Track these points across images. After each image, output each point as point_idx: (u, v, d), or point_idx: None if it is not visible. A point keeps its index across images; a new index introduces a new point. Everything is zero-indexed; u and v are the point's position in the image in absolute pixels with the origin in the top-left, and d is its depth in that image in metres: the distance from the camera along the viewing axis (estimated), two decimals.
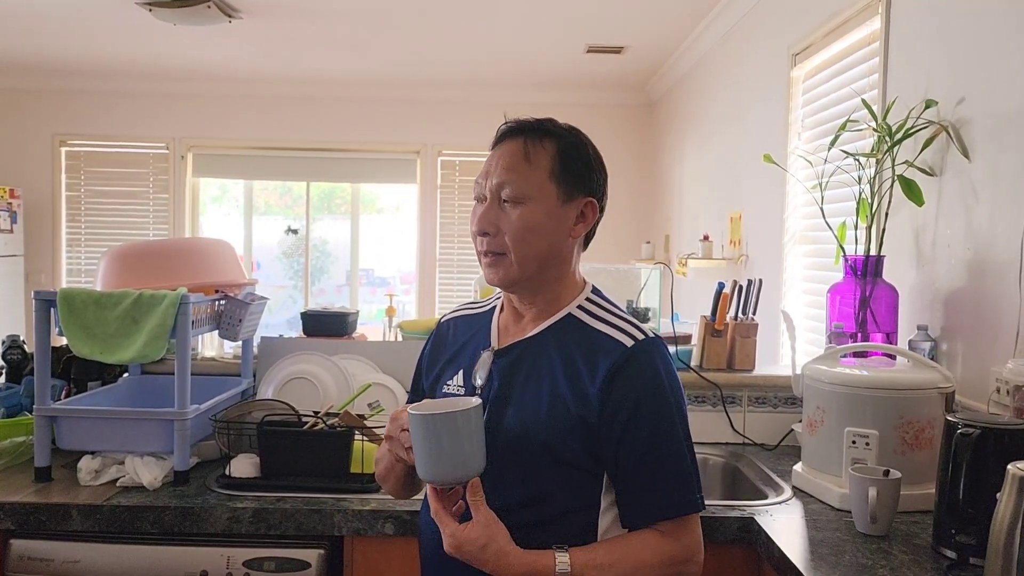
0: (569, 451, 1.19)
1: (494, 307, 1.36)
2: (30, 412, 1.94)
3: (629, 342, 1.21)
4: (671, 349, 2.21)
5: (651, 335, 1.24)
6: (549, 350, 1.24)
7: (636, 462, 1.18)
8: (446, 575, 1.22)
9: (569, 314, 1.26)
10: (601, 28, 4.69)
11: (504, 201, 1.22)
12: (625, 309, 2.20)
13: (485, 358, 1.27)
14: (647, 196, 6.45)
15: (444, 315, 1.45)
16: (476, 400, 1.16)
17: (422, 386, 1.39)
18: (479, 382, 1.26)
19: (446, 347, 1.36)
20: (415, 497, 1.41)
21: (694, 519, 1.20)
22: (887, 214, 2.04)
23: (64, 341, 1.87)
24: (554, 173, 1.23)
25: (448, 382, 1.31)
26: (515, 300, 1.29)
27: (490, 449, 1.16)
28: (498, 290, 1.33)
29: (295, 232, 6.76)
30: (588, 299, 1.29)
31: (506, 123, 1.28)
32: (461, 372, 1.29)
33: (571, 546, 1.16)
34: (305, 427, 1.79)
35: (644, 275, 2.27)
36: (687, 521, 1.19)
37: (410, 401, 1.42)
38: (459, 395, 1.27)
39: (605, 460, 1.20)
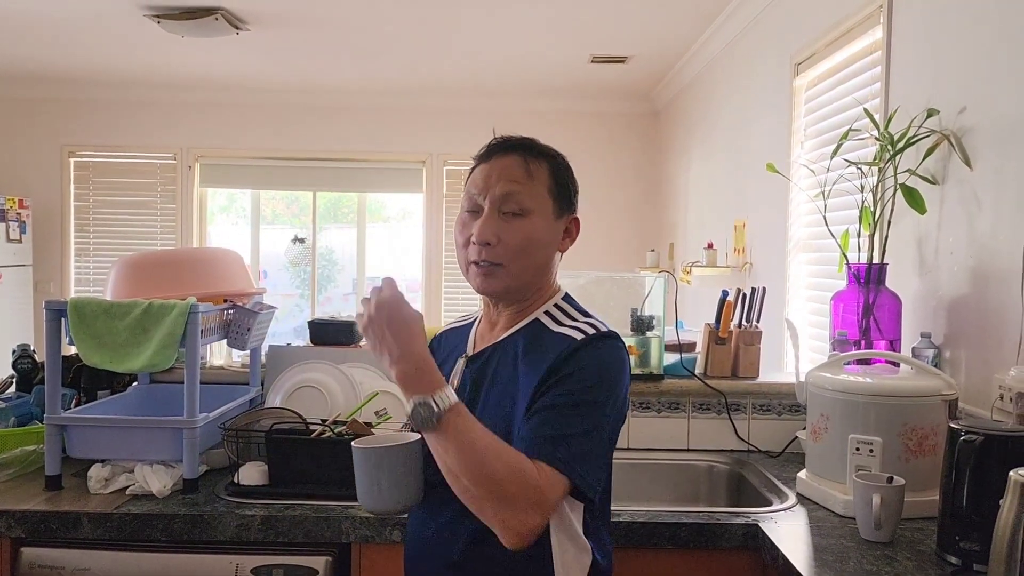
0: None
1: (477, 318, 1.41)
2: (40, 421, 1.95)
3: (579, 336, 1.22)
4: (675, 357, 2.26)
5: (606, 330, 1.24)
6: (511, 353, 1.28)
7: (543, 413, 1.16)
8: (428, 572, 1.28)
9: (536, 319, 1.30)
10: (605, 38, 4.72)
11: (505, 212, 1.24)
12: (630, 317, 2.24)
13: (459, 365, 1.33)
14: (652, 204, 6.46)
15: (439, 330, 1.50)
16: (414, 436, 1.22)
17: None
18: (454, 387, 1.30)
19: (435, 359, 1.40)
20: None
21: (561, 484, 1.12)
22: (890, 222, 2.05)
23: (74, 350, 1.89)
24: (551, 189, 1.28)
25: None
26: (492, 309, 1.34)
27: None
28: (461, 300, 1.38)
29: (302, 241, 6.79)
30: (556, 305, 1.31)
31: (498, 138, 1.31)
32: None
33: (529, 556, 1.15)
34: (313, 435, 1.80)
35: (648, 283, 2.28)
36: (557, 479, 1.12)
37: None
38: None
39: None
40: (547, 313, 1.30)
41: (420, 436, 1.21)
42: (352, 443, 1.22)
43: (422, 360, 1.13)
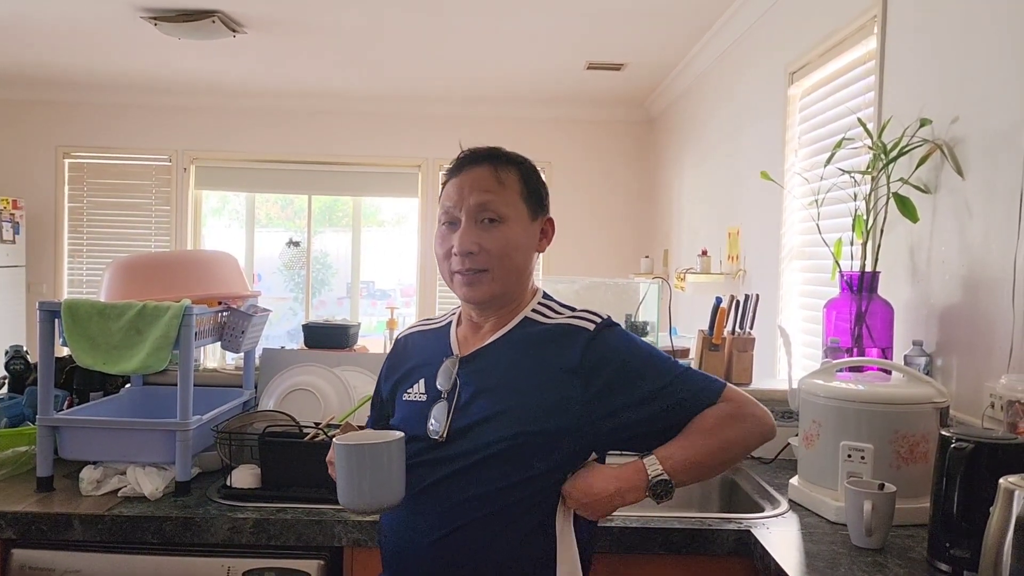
0: (547, 433, 1.25)
1: (451, 321, 1.43)
2: (32, 422, 1.95)
3: (591, 325, 1.32)
4: None
5: (606, 316, 1.35)
6: (513, 349, 1.33)
7: (652, 390, 1.28)
8: (406, 571, 1.30)
9: (525, 317, 1.36)
10: (601, 45, 4.74)
11: (481, 221, 1.30)
12: (624, 323, 2.24)
13: (448, 365, 1.35)
14: (646, 211, 6.48)
15: (400, 332, 1.53)
16: (399, 434, 1.24)
17: (381, 398, 1.47)
18: (443, 387, 1.33)
19: (405, 360, 1.44)
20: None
21: (725, 389, 1.32)
22: (882, 231, 2.06)
23: (67, 351, 1.88)
24: (523, 194, 1.34)
25: (408, 390, 1.38)
26: (475, 313, 1.38)
27: (458, 447, 1.26)
28: (454, 306, 1.44)
29: (296, 244, 6.79)
30: (540, 303, 1.38)
31: (465, 151, 1.37)
32: (423, 381, 1.36)
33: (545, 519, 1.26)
34: (306, 438, 1.80)
35: (643, 289, 2.29)
36: (725, 394, 1.31)
37: (371, 417, 1.51)
38: (420, 402, 1.34)
39: (596, 422, 1.27)
40: (534, 311, 1.37)
41: (403, 435, 1.24)
42: (334, 439, 1.22)
43: (615, 482, 1.24)
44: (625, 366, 1.29)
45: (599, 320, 1.33)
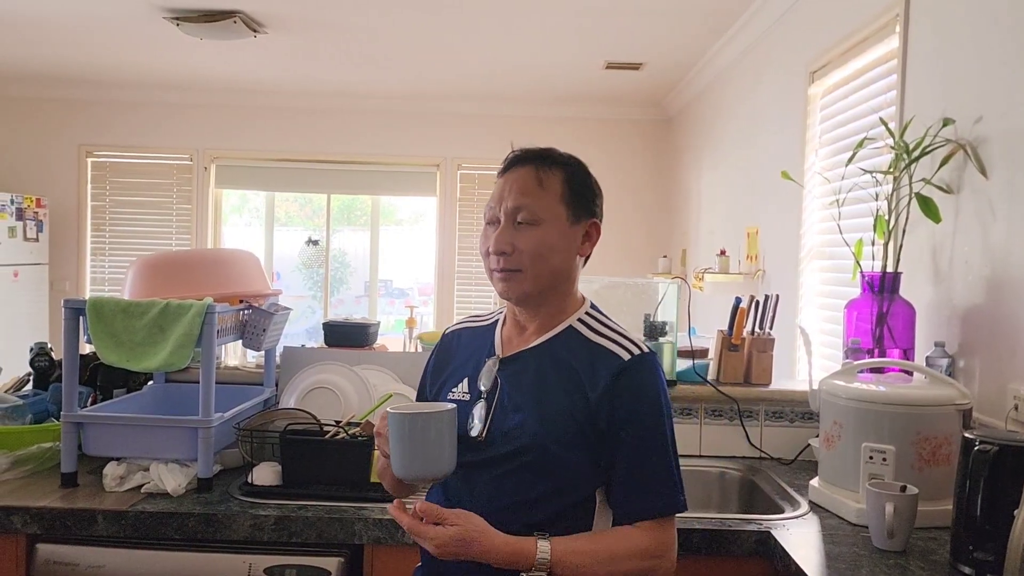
0: (568, 452, 1.26)
1: (497, 320, 1.44)
2: (57, 418, 1.97)
3: (626, 355, 1.30)
4: (688, 363, 2.26)
5: (647, 349, 1.32)
6: (551, 359, 1.33)
7: (626, 464, 1.27)
8: (443, 567, 1.30)
9: (570, 326, 1.36)
10: (620, 44, 4.73)
11: (519, 223, 1.31)
12: (643, 323, 2.24)
13: (490, 365, 1.36)
14: (664, 211, 6.46)
15: (449, 327, 1.53)
16: (451, 405, 1.26)
17: (426, 394, 1.47)
18: (484, 387, 1.34)
19: (452, 356, 1.44)
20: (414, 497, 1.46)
21: (671, 520, 1.28)
22: (904, 231, 2.04)
23: (91, 349, 1.91)
24: (564, 197, 1.34)
25: (453, 388, 1.39)
26: (519, 313, 1.38)
27: (496, 449, 1.27)
28: (501, 304, 1.44)
29: (315, 243, 6.82)
30: (587, 313, 1.38)
31: (515, 151, 1.37)
32: (467, 379, 1.37)
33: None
34: (327, 436, 1.81)
35: (661, 289, 2.28)
36: (666, 521, 1.27)
37: None
38: (464, 401, 1.35)
39: (603, 459, 1.28)
40: (580, 321, 1.36)
41: (455, 406, 1.25)
42: (388, 410, 1.23)
43: (507, 548, 1.19)
44: (633, 414, 1.27)
45: (636, 352, 1.30)
